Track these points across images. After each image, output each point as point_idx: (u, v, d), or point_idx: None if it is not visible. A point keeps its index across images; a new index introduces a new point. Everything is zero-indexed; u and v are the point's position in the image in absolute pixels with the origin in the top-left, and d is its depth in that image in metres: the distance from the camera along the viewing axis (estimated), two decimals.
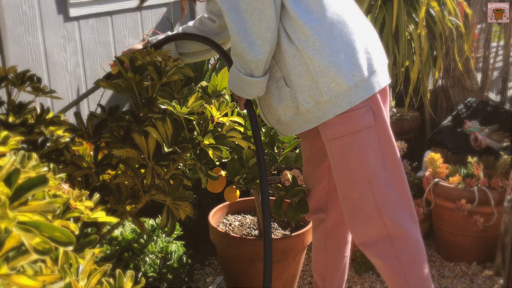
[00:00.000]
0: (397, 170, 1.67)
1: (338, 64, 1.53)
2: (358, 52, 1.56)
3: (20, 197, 0.72)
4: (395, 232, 1.67)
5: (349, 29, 1.57)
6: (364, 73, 1.56)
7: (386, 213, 1.66)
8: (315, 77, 1.54)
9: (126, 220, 1.65)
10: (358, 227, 1.73)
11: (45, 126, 1.62)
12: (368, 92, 1.58)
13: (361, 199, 1.67)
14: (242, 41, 1.53)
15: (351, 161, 1.64)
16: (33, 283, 0.68)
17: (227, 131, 1.56)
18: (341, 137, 1.62)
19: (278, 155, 2.06)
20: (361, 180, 1.65)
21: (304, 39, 1.53)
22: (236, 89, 1.66)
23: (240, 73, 1.60)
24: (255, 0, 1.48)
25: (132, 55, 1.70)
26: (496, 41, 3.57)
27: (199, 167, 1.55)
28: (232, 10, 1.50)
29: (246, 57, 1.55)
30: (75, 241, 0.73)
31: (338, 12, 1.57)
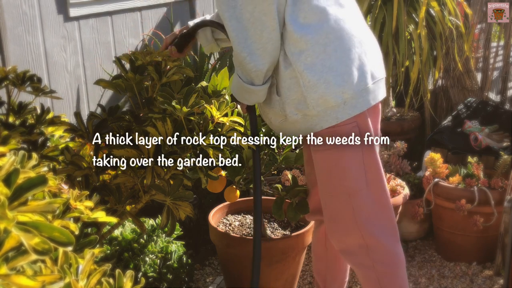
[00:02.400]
0: (379, 186, 1.68)
1: (328, 80, 1.53)
2: (350, 68, 1.55)
3: (19, 197, 0.72)
4: (372, 244, 1.70)
5: (345, 44, 1.55)
6: (354, 91, 1.55)
7: (364, 226, 1.68)
8: (304, 92, 1.54)
9: (126, 220, 1.65)
10: (336, 236, 1.76)
11: (45, 126, 1.62)
12: (356, 110, 1.58)
13: (341, 210, 1.70)
14: (242, 51, 1.53)
15: (334, 174, 1.66)
16: (33, 283, 0.68)
17: (227, 131, 1.56)
18: (326, 150, 1.63)
19: (278, 155, 2.06)
20: (341, 192, 1.67)
21: (297, 53, 1.53)
22: (237, 95, 1.67)
23: (241, 80, 1.60)
24: (258, 10, 1.47)
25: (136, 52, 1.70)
26: (496, 41, 3.57)
27: (199, 167, 1.55)
28: (234, 18, 1.50)
29: (246, 66, 1.55)
30: (74, 241, 0.73)
31: (336, 24, 1.55)
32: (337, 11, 1.56)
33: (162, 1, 3.03)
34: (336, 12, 1.55)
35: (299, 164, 2.08)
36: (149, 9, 2.96)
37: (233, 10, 1.49)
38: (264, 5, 1.47)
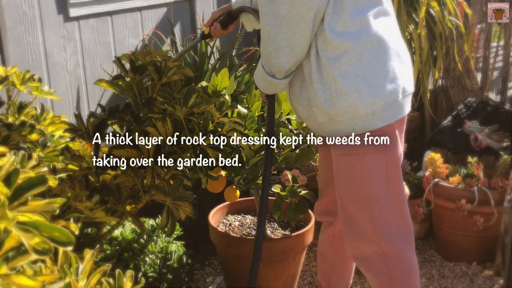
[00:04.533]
0: (399, 194, 1.68)
1: (361, 90, 1.51)
2: (384, 80, 1.53)
3: (19, 197, 0.72)
4: (389, 251, 1.68)
5: (381, 55, 1.54)
6: (384, 102, 1.54)
7: (382, 233, 1.67)
8: (335, 98, 1.53)
9: (126, 220, 1.65)
10: (352, 241, 1.75)
11: (45, 126, 1.62)
12: (384, 122, 1.57)
13: (359, 215, 1.68)
14: (270, 46, 1.52)
15: (355, 180, 1.65)
16: (33, 283, 0.68)
17: (227, 131, 1.56)
18: (349, 155, 1.62)
19: (278, 155, 2.06)
20: (361, 198, 1.66)
21: (332, 59, 1.51)
22: (258, 82, 1.67)
23: (263, 70, 1.60)
24: (296, 11, 1.47)
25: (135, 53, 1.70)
26: (496, 41, 3.57)
27: (199, 167, 1.55)
28: (271, 13, 1.49)
29: (270, 60, 1.55)
30: (74, 241, 0.73)
31: (375, 35, 1.53)
32: (377, 22, 1.54)
33: (162, 1, 3.03)
34: (376, 23, 1.54)
35: (299, 164, 2.08)
36: (149, 9, 2.96)
37: (271, 5, 1.48)
38: (303, 9, 1.46)
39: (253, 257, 1.60)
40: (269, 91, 1.67)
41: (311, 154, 2.05)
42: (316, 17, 1.49)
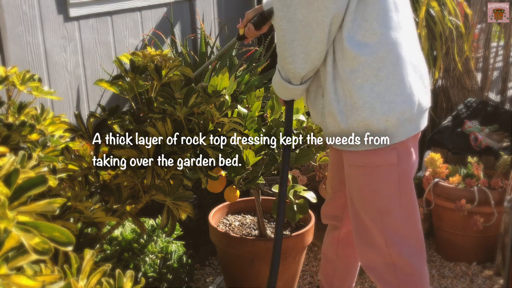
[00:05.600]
0: (411, 207, 1.66)
1: (374, 107, 1.48)
2: (399, 97, 1.50)
3: (19, 197, 0.72)
4: (400, 263, 1.66)
5: (399, 72, 1.50)
6: (397, 120, 1.51)
7: (393, 245, 1.65)
8: (348, 111, 1.51)
9: (126, 220, 1.65)
10: (364, 250, 1.73)
11: (45, 126, 1.62)
12: (396, 139, 1.54)
13: (371, 225, 1.66)
14: (286, 51, 1.50)
15: (367, 192, 1.63)
16: (33, 283, 0.68)
17: (227, 131, 1.56)
18: (361, 167, 1.60)
19: (278, 155, 2.06)
20: (372, 210, 1.64)
21: (348, 71, 1.48)
22: (275, 88, 1.65)
23: (280, 75, 1.57)
24: (312, 17, 1.44)
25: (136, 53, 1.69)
26: (496, 41, 3.56)
27: (199, 167, 1.55)
28: (286, 18, 1.46)
29: (286, 66, 1.52)
30: (74, 241, 0.73)
31: (394, 49, 1.49)
32: (397, 35, 1.50)
33: (162, 1, 3.03)
34: (396, 36, 1.50)
35: (299, 164, 2.08)
36: (149, 9, 2.96)
37: (286, 9, 1.45)
38: (318, 15, 1.43)
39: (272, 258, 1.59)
40: (285, 96, 1.65)
41: (311, 154, 2.05)
42: (332, 23, 1.45)
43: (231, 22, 3.44)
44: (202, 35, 3.10)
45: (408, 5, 1.60)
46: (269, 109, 2.09)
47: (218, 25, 3.47)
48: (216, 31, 3.45)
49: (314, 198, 2.02)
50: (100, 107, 1.74)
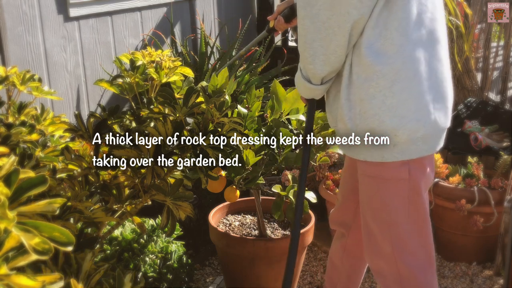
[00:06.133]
0: (422, 219, 1.61)
1: (382, 120, 1.44)
2: (412, 114, 1.44)
3: (19, 197, 0.72)
4: (406, 274, 1.63)
5: (415, 87, 1.44)
6: (408, 137, 1.45)
7: (401, 256, 1.62)
8: (357, 119, 1.47)
9: (126, 220, 1.65)
10: (372, 256, 1.71)
11: (45, 126, 1.62)
12: (404, 156, 1.49)
13: (379, 235, 1.64)
14: (306, 51, 1.47)
15: (375, 203, 1.60)
16: (33, 283, 0.68)
17: (227, 131, 1.56)
18: (372, 177, 1.57)
19: (278, 155, 2.06)
20: (381, 221, 1.61)
21: (363, 78, 1.44)
22: (297, 86, 1.63)
23: (301, 73, 1.56)
24: (334, 20, 1.40)
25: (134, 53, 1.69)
26: (496, 41, 3.56)
27: (199, 167, 1.55)
28: (309, 18, 1.43)
29: (306, 65, 1.50)
30: (74, 241, 0.73)
31: (412, 63, 1.43)
32: (418, 49, 1.44)
33: (162, 1, 3.03)
34: (416, 50, 1.44)
35: (299, 164, 2.08)
36: (149, 9, 2.96)
37: (310, 9, 1.42)
38: (341, 19, 1.39)
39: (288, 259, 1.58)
40: (306, 95, 1.62)
41: (311, 154, 2.05)
42: (353, 28, 1.41)
43: (231, 22, 3.44)
44: (202, 35, 3.10)
45: (440, 21, 1.52)
46: (269, 109, 2.09)
47: (218, 25, 3.47)
48: (216, 31, 3.45)
49: (314, 198, 2.02)
50: (100, 107, 1.74)
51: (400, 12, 1.41)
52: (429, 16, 1.47)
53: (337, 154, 2.86)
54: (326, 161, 2.13)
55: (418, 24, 1.44)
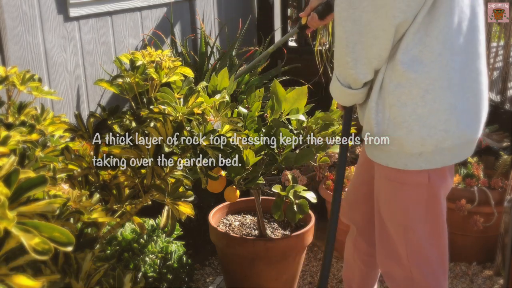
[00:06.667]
0: (438, 229, 1.61)
1: (412, 129, 1.41)
2: (442, 124, 1.42)
3: (19, 197, 0.72)
4: (419, 278, 1.62)
5: (448, 97, 1.41)
6: (435, 147, 1.44)
7: (414, 260, 1.61)
8: (385, 125, 1.44)
9: (126, 220, 1.65)
10: (385, 258, 1.70)
11: (45, 126, 1.62)
12: (429, 165, 1.47)
13: (393, 239, 1.63)
14: (347, 55, 1.41)
15: (392, 206, 1.59)
16: (33, 283, 0.68)
17: (227, 131, 1.56)
18: (390, 181, 1.55)
19: (278, 155, 2.06)
20: (397, 224, 1.60)
21: (394, 85, 1.41)
22: (334, 95, 1.58)
23: (338, 81, 1.50)
24: (378, 22, 1.36)
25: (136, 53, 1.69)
26: (496, 41, 3.56)
27: (199, 167, 1.55)
28: (350, 20, 1.38)
29: (346, 71, 1.45)
30: (74, 241, 0.73)
31: (448, 71, 1.40)
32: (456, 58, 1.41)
33: (162, 1, 3.03)
34: (454, 60, 1.41)
35: (299, 164, 2.08)
36: (149, 9, 2.96)
37: (353, 11, 1.37)
38: (385, 22, 1.35)
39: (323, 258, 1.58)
40: (348, 102, 1.57)
41: (311, 154, 2.05)
42: (397, 31, 1.38)
43: (231, 22, 3.44)
44: (202, 35, 3.10)
45: (481, 30, 1.49)
46: (269, 109, 2.09)
47: (218, 25, 3.47)
48: (216, 31, 3.45)
49: (314, 198, 2.02)
50: (100, 107, 1.74)
51: (443, 19, 1.38)
52: (467, 24, 1.43)
53: (337, 154, 2.86)
54: (326, 161, 2.13)
55: (457, 33, 1.41)
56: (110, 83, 1.68)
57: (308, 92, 2.08)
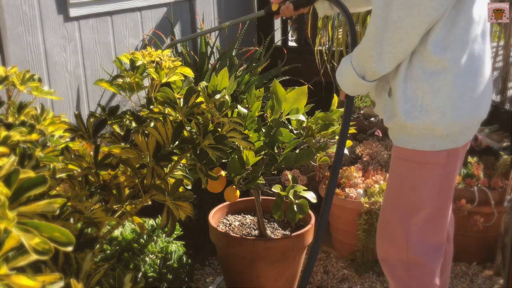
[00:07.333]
0: (443, 211, 1.69)
1: (445, 112, 1.51)
2: (467, 106, 1.54)
3: (19, 197, 0.72)
4: (415, 261, 1.68)
5: (471, 80, 1.54)
6: (461, 127, 1.55)
7: (413, 243, 1.67)
8: (417, 112, 1.52)
9: (126, 220, 1.65)
10: (383, 242, 1.76)
11: (45, 126, 1.62)
12: (453, 144, 1.58)
13: (397, 220, 1.69)
14: (373, 48, 1.51)
15: (405, 186, 1.65)
16: (33, 283, 0.68)
17: (227, 132, 1.56)
18: (407, 160, 1.62)
19: (278, 155, 2.06)
20: (405, 205, 1.66)
21: (429, 73, 1.50)
22: (342, 83, 1.66)
23: (354, 71, 1.58)
24: (409, 20, 1.45)
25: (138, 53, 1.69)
26: (496, 41, 3.56)
27: (199, 167, 1.55)
28: (382, 16, 1.48)
29: (368, 64, 1.54)
30: (74, 241, 0.73)
31: (472, 58, 1.53)
32: (475, 46, 1.54)
33: (162, 1, 3.03)
34: (474, 48, 1.54)
35: (299, 164, 2.08)
36: (149, 9, 2.96)
37: (385, 8, 1.46)
38: (417, 20, 1.44)
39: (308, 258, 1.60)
40: (353, 91, 1.66)
41: (311, 154, 2.05)
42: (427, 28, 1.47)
43: None
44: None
45: (486, 20, 1.62)
46: (269, 109, 2.09)
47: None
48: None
49: (314, 198, 2.02)
50: (100, 107, 1.74)
51: (469, 11, 1.49)
52: (483, 15, 1.57)
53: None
54: (326, 161, 2.13)
55: (477, 23, 1.53)
56: (110, 83, 1.69)
57: (308, 92, 2.08)
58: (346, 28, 3.25)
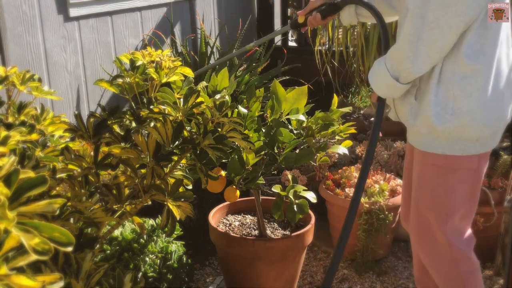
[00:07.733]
0: (473, 209, 1.73)
1: (475, 116, 1.51)
2: (496, 111, 1.55)
3: (19, 198, 0.72)
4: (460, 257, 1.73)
5: (500, 83, 1.55)
6: (490, 132, 1.56)
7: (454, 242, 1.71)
8: (448, 115, 1.52)
9: (126, 220, 1.65)
10: (425, 248, 1.77)
11: (45, 126, 1.62)
12: (483, 149, 1.59)
13: (435, 225, 1.70)
14: (409, 49, 1.50)
15: (438, 192, 1.66)
16: (33, 283, 0.68)
17: (227, 132, 1.56)
18: (439, 166, 1.62)
19: (278, 155, 2.06)
20: (440, 211, 1.68)
21: (460, 76, 1.50)
22: (375, 84, 1.64)
23: (388, 73, 1.57)
24: (445, 20, 1.45)
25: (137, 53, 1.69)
26: None
27: (199, 167, 1.55)
28: (419, 16, 1.47)
29: (403, 65, 1.53)
30: (74, 242, 0.73)
31: (499, 61, 1.54)
32: (502, 50, 1.55)
33: (162, 1, 3.03)
34: (501, 51, 1.55)
35: (299, 164, 2.08)
36: (149, 9, 2.96)
37: (423, 7, 1.46)
38: (454, 20, 1.44)
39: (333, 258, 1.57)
40: (386, 94, 1.64)
41: (311, 154, 2.05)
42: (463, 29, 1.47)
43: (231, 22, 3.44)
44: (202, 35, 3.10)
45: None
46: (269, 109, 2.09)
47: (218, 25, 3.47)
48: (216, 31, 3.45)
49: (314, 198, 2.02)
50: (100, 107, 1.74)
51: None
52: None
53: (337, 154, 2.86)
54: (326, 161, 2.13)
55: (504, 26, 1.55)
56: (110, 83, 1.68)
57: (308, 92, 2.08)
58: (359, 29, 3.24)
